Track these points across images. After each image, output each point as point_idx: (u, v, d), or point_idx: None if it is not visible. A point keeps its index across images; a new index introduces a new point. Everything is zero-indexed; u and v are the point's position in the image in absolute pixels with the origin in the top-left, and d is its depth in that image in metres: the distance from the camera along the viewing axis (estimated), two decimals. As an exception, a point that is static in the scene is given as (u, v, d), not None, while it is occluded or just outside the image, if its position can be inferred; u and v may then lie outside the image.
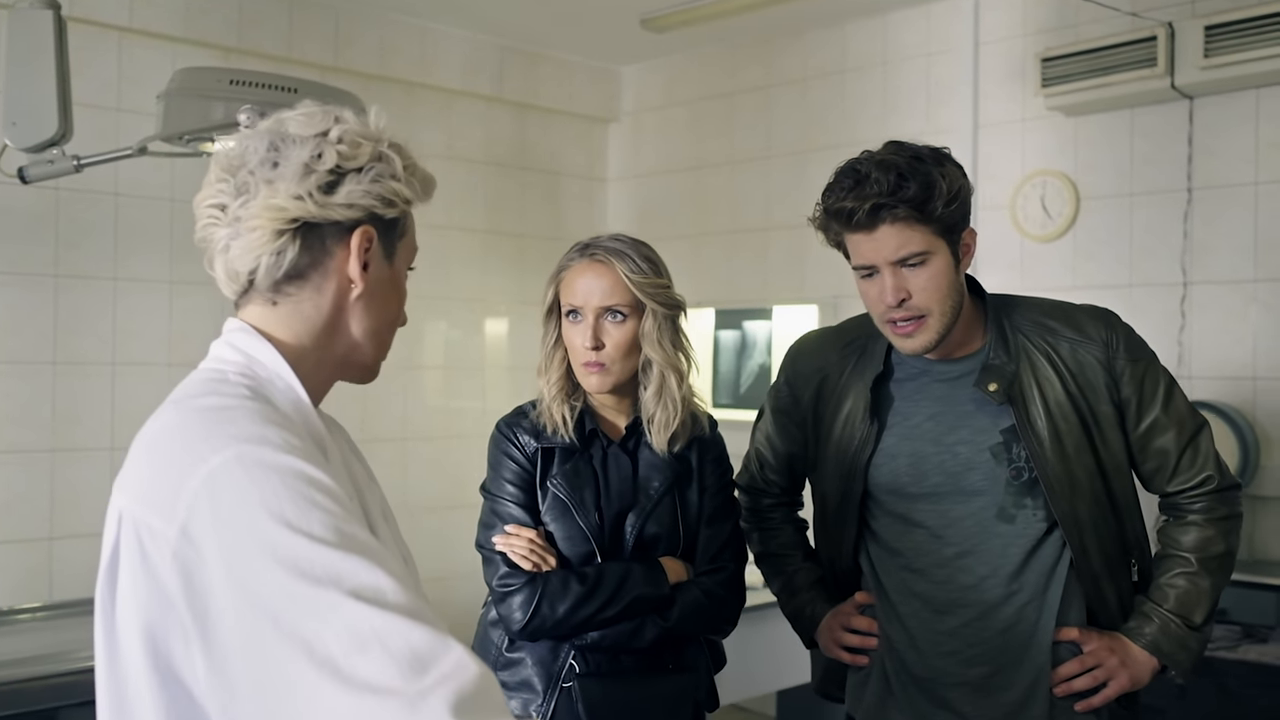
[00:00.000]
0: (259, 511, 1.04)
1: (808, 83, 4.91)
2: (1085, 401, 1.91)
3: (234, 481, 1.07)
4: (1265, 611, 3.41)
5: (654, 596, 1.96)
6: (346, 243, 1.26)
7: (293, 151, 1.23)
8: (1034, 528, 1.92)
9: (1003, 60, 4.32)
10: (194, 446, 1.11)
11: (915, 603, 1.98)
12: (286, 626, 1.00)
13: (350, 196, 1.24)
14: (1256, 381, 3.72)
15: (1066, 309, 2.00)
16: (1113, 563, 1.96)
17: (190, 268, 4.30)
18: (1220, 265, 3.80)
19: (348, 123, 1.28)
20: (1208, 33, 3.61)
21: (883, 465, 1.99)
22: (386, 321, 1.33)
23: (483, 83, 5.14)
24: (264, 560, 1.02)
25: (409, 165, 1.30)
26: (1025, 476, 1.91)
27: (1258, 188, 3.73)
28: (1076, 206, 4.11)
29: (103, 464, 4.11)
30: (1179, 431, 1.95)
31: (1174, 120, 3.88)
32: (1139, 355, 1.95)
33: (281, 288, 1.27)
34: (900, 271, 1.85)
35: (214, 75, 2.97)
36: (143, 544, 1.10)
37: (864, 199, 1.81)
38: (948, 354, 1.98)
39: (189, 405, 1.19)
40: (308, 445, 1.15)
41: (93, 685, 2.60)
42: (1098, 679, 1.91)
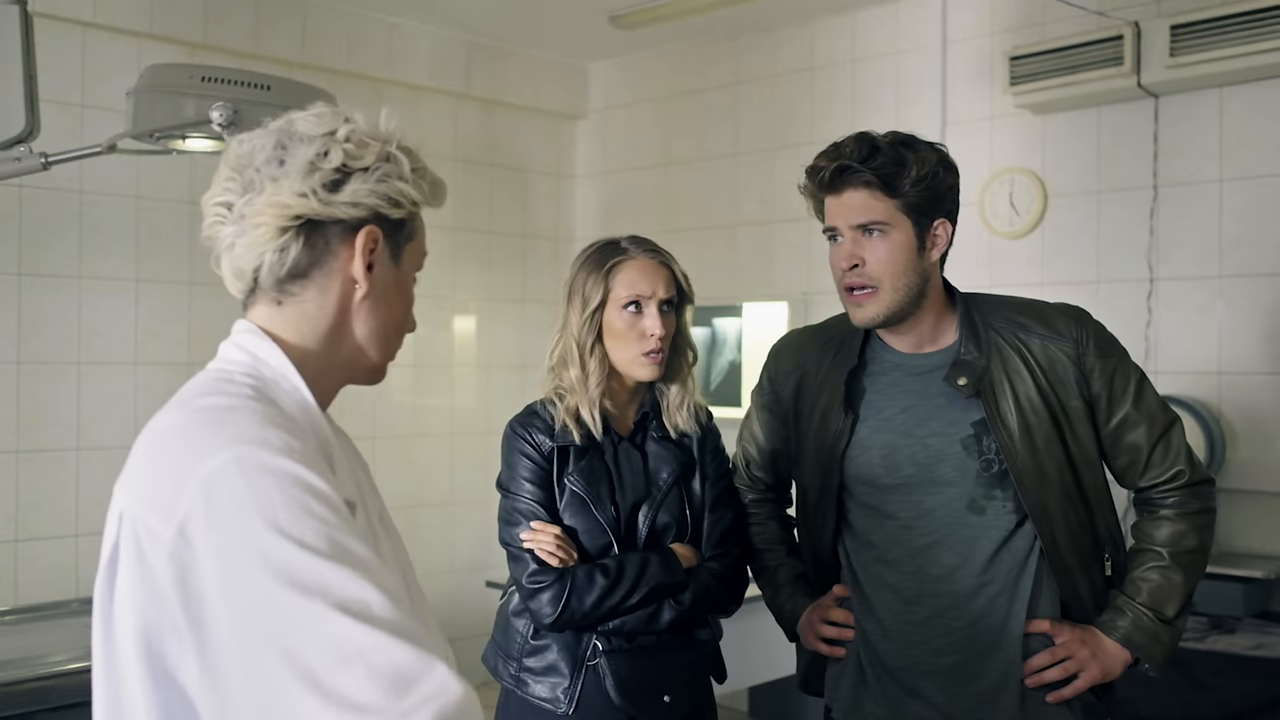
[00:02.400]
0: (253, 516, 1.03)
1: (776, 80, 4.92)
2: (1055, 396, 1.94)
3: (230, 484, 1.06)
4: (1232, 603, 3.47)
5: (671, 583, 2.06)
6: (351, 242, 1.25)
7: (299, 149, 1.23)
8: (1004, 519, 1.95)
9: (971, 58, 4.35)
10: (194, 447, 1.10)
11: (887, 594, 2.01)
12: (273, 636, 0.99)
13: (355, 195, 1.23)
14: (1221, 376, 3.77)
15: (1038, 306, 2.03)
16: (1085, 556, 1.98)
17: (156, 266, 4.26)
18: (1186, 261, 3.85)
19: (356, 123, 1.27)
20: (1173, 32, 3.65)
21: (857, 457, 2.02)
22: (392, 324, 1.31)
23: (451, 79, 5.11)
24: (255, 566, 1.02)
25: (418, 168, 1.28)
26: (995, 469, 1.94)
27: (1222, 185, 3.78)
28: (1044, 204, 4.15)
29: (68, 465, 4.06)
30: (1150, 427, 1.97)
31: (1140, 118, 3.93)
32: (1109, 352, 1.98)
33: (285, 287, 1.26)
34: (859, 238, 1.91)
35: (184, 72, 2.93)
36: (140, 544, 1.10)
37: (834, 160, 1.91)
38: (919, 348, 2.02)
39: (192, 405, 1.18)
40: (309, 449, 1.14)
41: (62, 690, 2.58)
42: (1069, 670, 1.93)
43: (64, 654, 2.66)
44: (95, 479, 4.11)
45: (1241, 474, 3.68)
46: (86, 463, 4.11)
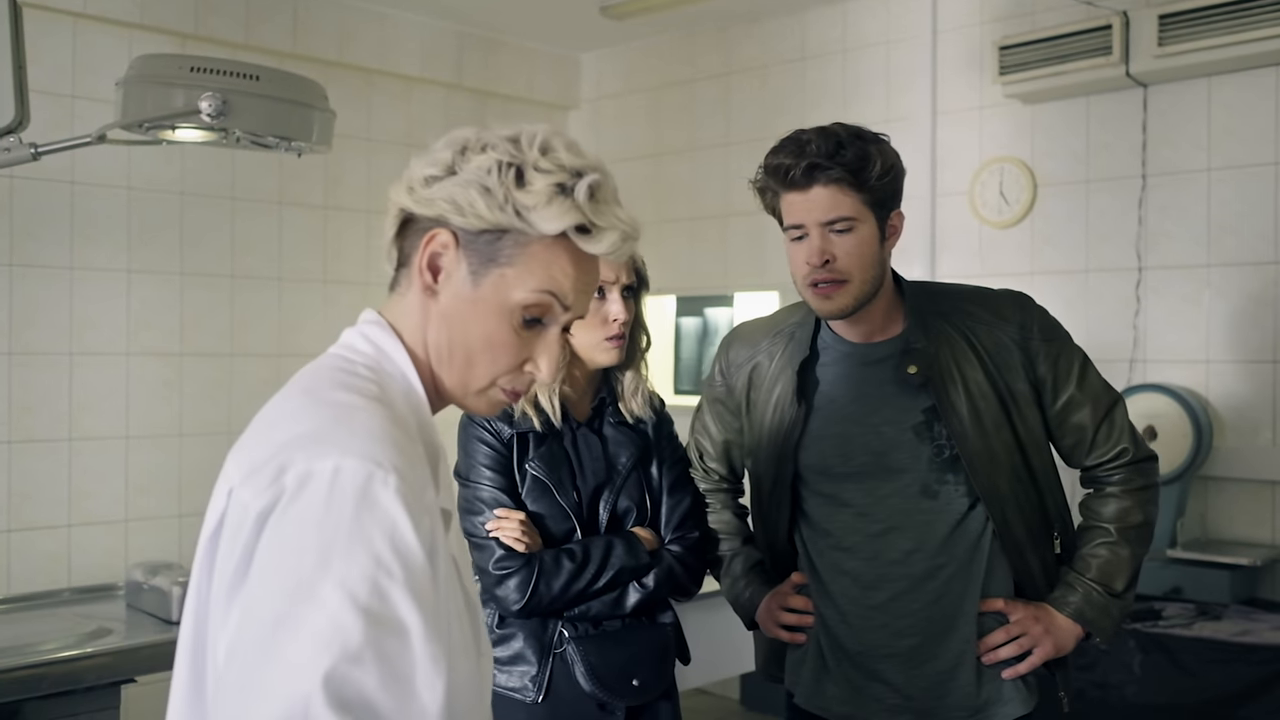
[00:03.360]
0: (325, 541, 1.03)
1: (767, 70, 4.93)
2: (1003, 381, 1.99)
3: (325, 498, 1.04)
4: (1219, 590, 3.49)
5: (635, 566, 2.08)
6: (424, 241, 1.22)
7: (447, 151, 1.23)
8: (957, 503, 2.00)
9: (961, 48, 4.36)
10: (304, 440, 1.09)
11: (845, 580, 2.05)
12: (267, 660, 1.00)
13: (436, 194, 1.20)
14: (1210, 365, 3.79)
15: (983, 293, 2.09)
16: (1036, 535, 2.04)
17: (148, 256, 4.27)
18: (1174, 250, 3.87)
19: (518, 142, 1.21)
20: (1161, 21, 3.66)
21: (810, 447, 2.06)
22: (461, 345, 1.22)
23: (442, 70, 5.12)
24: (300, 589, 1.01)
25: (534, 190, 1.18)
26: (947, 454, 1.99)
27: (1210, 174, 3.80)
28: (1034, 193, 4.16)
29: (60, 455, 4.07)
30: (1094, 407, 2.03)
31: (1129, 108, 3.94)
32: (1053, 336, 2.03)
33: (397, 276, 1.26)
34: (827, 235, 1.92)
35: (174, 62, 2.93)
36: (241, 520, 1.09)
37: (802, 158, 1.90)
38: (870, 338, 2.05)
39: (318, 396, 1.16)
40: (415, 466, 1.10)
41: (53, 678, 2.59)
42: (1023, 647, 1.99)
43: (55, 642, 2.68)
44: (87, 469, 4.13)
45: (1229, 462, 3.70)
46: (79, 453, 4.12)
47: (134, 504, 4.23)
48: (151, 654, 2.73)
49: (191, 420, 4.38)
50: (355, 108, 4.85)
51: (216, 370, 4.45)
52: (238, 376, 4.50)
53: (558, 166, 1.19)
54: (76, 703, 2.60)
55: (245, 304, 4.53)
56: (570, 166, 1.19)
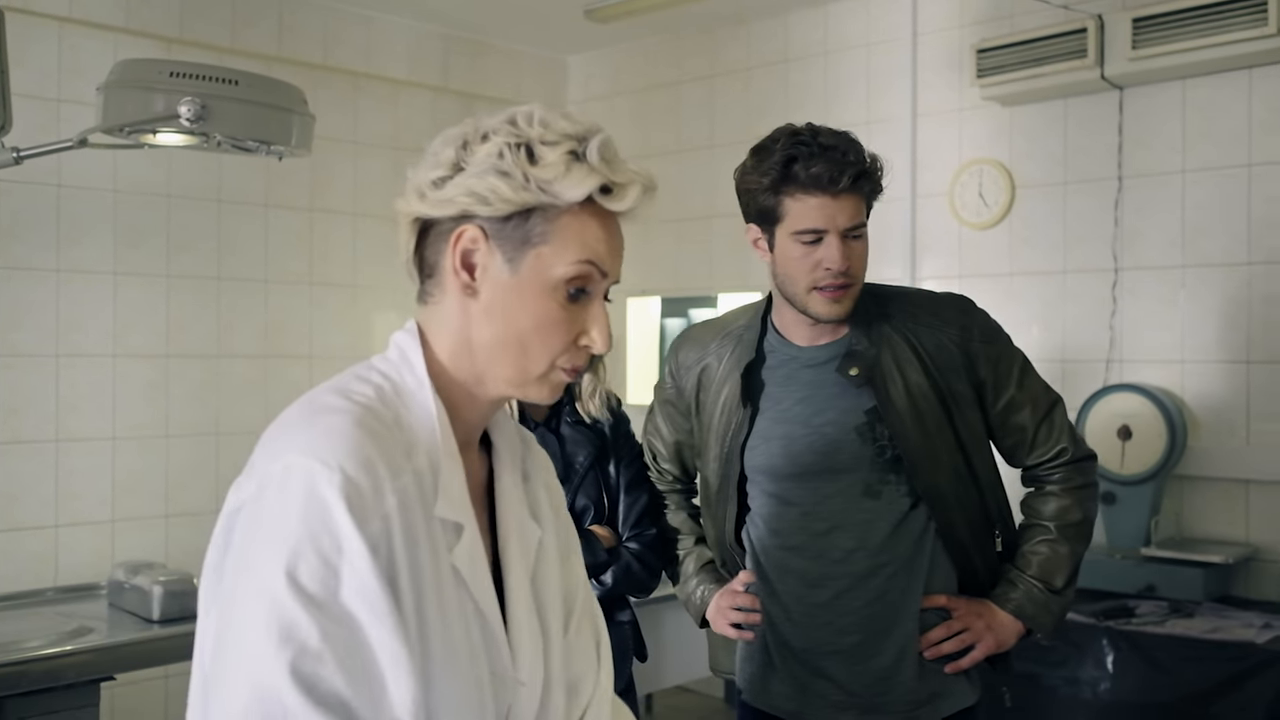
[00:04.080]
0: (275, 535, 1.07)
1: (751, 72, 4.97)
2: (944, 382, 2.04)
3: (275, 494, 1.09)
4: (1192, 588, 3.52)
5: (593, 563, 2.12)
6: (451, 242, 1.21)
7: (442, 150, 1.22)
8: (899, 502, 2.04)
9: (941, 51, 4.39)
10: (276, 441, 1.15)
11: (791, 578, 2.09)
12: (237, 662, 1.05)
13: (451, 192, 1.19)
14: (1184, 365, 3.83)
15: (926, 296, 2.14)
16: (977, 533, 2.09)
17: (134, 259, 4.30)
18: (1150, 252, 3.90)
19: (516, 122, 1.21)
20: (1135, 25, 3.70)
21: (757, 448, 2.10)
22: (514, 334, 1.21)
23: (429, 73, 5.15)
24: (256, 580, 1.07)
25: (547, 163, 1.18)
26: (889, 454, 2.03)
27: (1185, 176, 3.83)
28: (1012, 194, 4.20)
29: (46, 456, 4.10)
30: (1034, 408, 2.09)
31: (1105, 110, 3.98)
32: (993, 339, 2.09)
33: (425, 286, 1.26)
34: (847, 241, 1.97)
35: (154, 67, 2.97)
36: (223, 519, 1.15)
37: (846, 167, 1.93)
38: (815, 340, 2.09)
39: (310, 400, 1.20)
40: (371, 471, 1.11)
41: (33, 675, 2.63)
42: (965, 642, 2.04)
43: (36, 640, 2.71)
44: (74, 470, 4.16)
45: (1203, 461, 3.73)
46: (65, 454, 4.15)
47: (120, 504, 4.27)
48: (130, 652, 2.78)
49: (178, 421, 4.42)
50: (341, 111, 4.89)
51: (203, 372, 4.48)
52: (224, 378, 4.53)
53: (563, 135, 1.19)
54: (57, 700, 2.63)
55: (231, 306, 4.56)
56: (574, 133, 1.20)
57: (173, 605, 2.90)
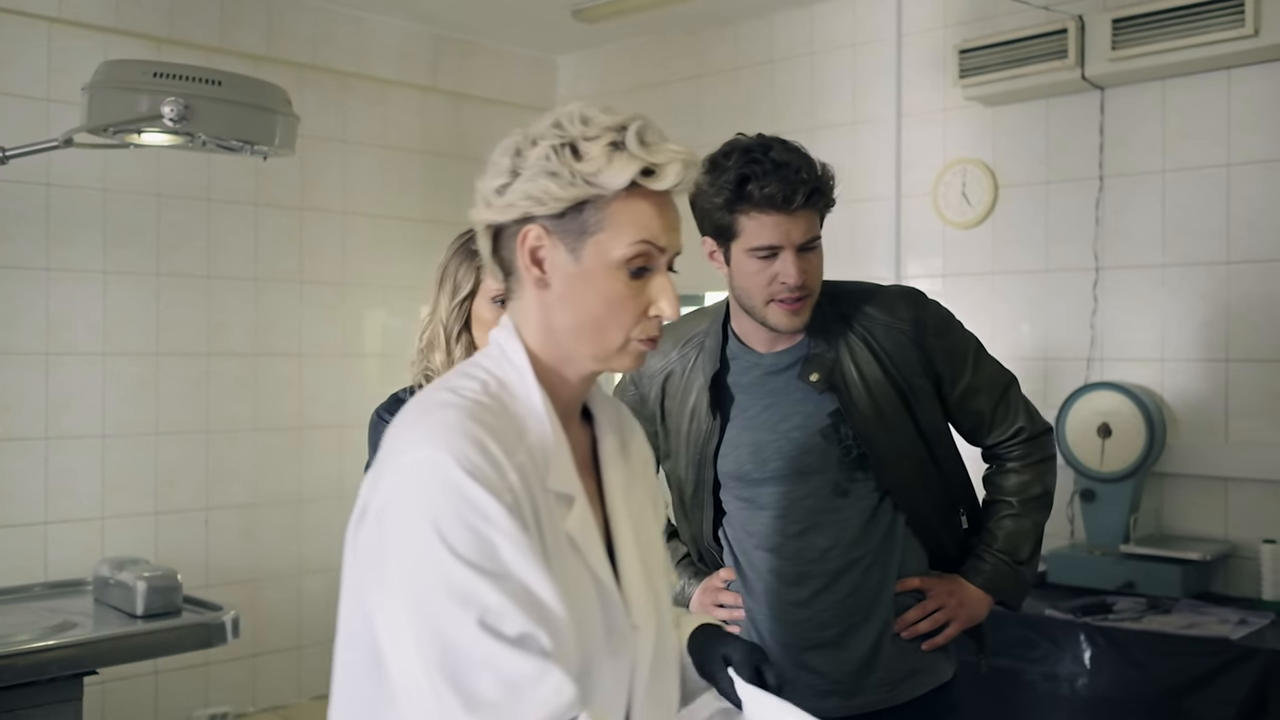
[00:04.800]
0: (425, 521, 1.20)
1: (738, 73, 5.00)
2: (901, 377, 2.09)
3: (413, 485, 1.22)
4: (1170, 584, 3.55)
5: None
6: (519, 242, 1.33)
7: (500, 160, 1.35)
8: (868, 498, 2.10)
9: (924, 51, 4.42)
10: (401, 438, 1.28)
11: (769, 578, 2.14)
12: (425, 631, 1.18)
13: (511, 197, 1.32)
14: (1164, 363, 3.85)
15: (877, 292, 2.17)
16: (944, 514, 2.18)
17: (123, 258, 4.33)
18: (1130, 251, 3.93)
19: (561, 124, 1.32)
20: (1115, 25, 3.72)
21: (728, 455, 2.15)
22: (588, 316, 1.33)
23: (418, 73, 5.18)
24: (421, 564, 1.19)
25: (590, 157, 1.29)
26: (854, 453, 2.08)
27: (1165, 176, 3.86)
28: (995, 194, 4.22)
29: (37, 453, 4.13)
30: (990, 392, 2.17)
31: (1086, 110, 4.00)
32: (946, 330, 2.15)
33: (507, 284, 1.39)
34: (802, 255, 2.01)
35: (138, 68, 3.00)
36: (367, 514, 1.28)
37: (796, 185, 1.95)
38: (774, 346, 2.13)
39: (428, 390, 1.35)
40: (486, 453, 1.23)
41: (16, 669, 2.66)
42: (939, 620, 2.12)
43: (20, 635, 2.74)
44: (64, 467, 4.19)
45: (1182, 459, 3.76)
46: (56, 451, 4.18)
47: (110, 502, 4.30)
48: (113, 646, 2.81)
49: (167, 419, 4.45)
50: (331, 110, 4.91)
51: (192, 370, 4.51)
52: (214, 376, 4.56)
53: (603, 129, 1.30)
54: (39, 693, 2.66)
55: (221, 304, 4.59)
56: (613, 125, 1.30)
57: (156, 600, 2.93)
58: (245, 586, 4.60)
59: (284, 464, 4.75)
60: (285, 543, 4.76)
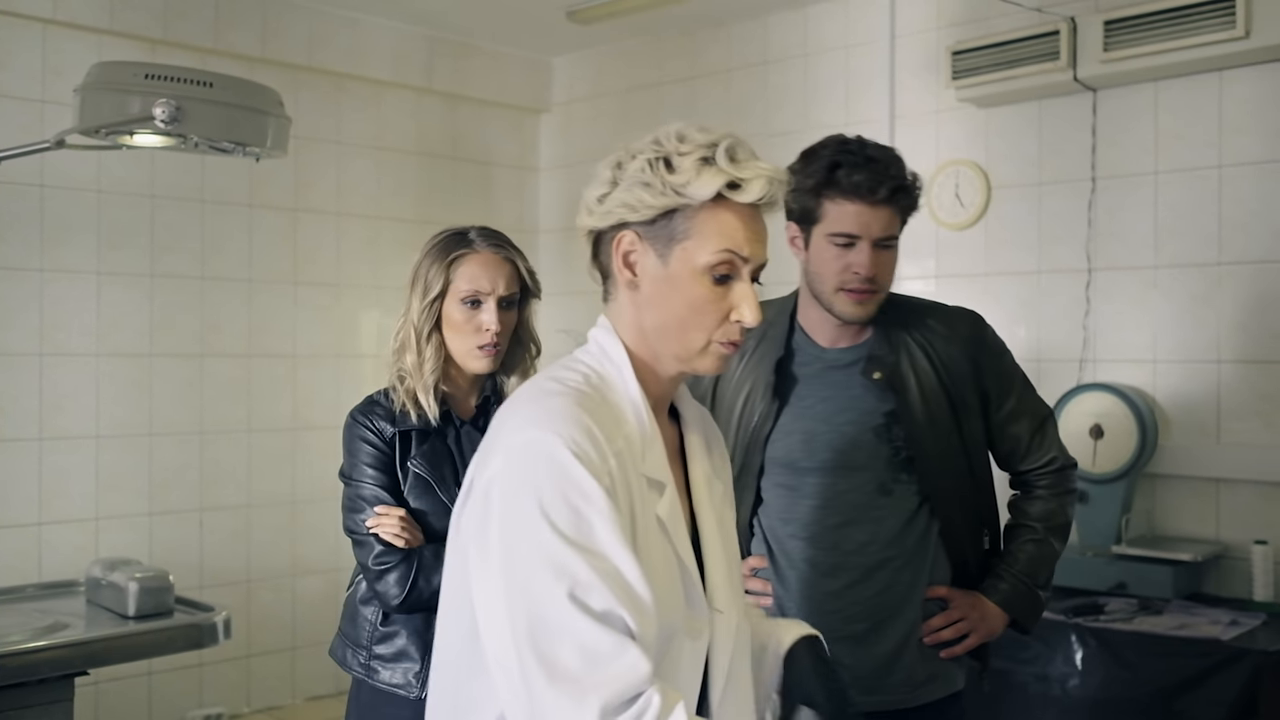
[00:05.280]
0: (530, 496, 1.30)
1: (731, 74, 5.00)
2: (955, 390, 2.19)
3: (521, 463, 1.33)
4: (1161, 585, 3.56)
5: None
6: (614, 247, 1.46)
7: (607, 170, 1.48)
8: (908, 501, 2.18)
9: (918, 53, 4.43)
10: (511, 421, 1.40)
11: (804, 566, 2.19)
12: (518, 600, 1.27)
13: (610, 205, 1.44)
14: (1156, 364, 3.86)
15: (941, 309, 2.29)
16: (972, 532, 2.26)
17: (117, 259, 4.33)
18: (1123, 252, 3.94)
19: (659, 141, 1.44)
20: (1107, 27, 3.73)
21: (779, 441, 2.20)
22: (674, 318, 1.44)
23: (413, 74, 5.18)
24: (523, 536, 1.29)
25: (681, 169, 1.40)
26: (902, 454, 2.16)
27: (1157, 177, 3.86)
28: (988, 195, 4.23)
29: (30, 454, 4.14)
30: (1031, 420, 2.28)
31: (1078, 112, 4.01)
32: (1000, 354, 2.27)
33: (605, 286, 1.51)
34: (877, 250, 2.10)
35: (130, 69, 3.00)
36: (475, 491, 1.39)
37: (886, 179, 2.08)
38: (837, 342, 2.21)
39: (536, 381, 1.46)
40: (592, 437, 1.34)
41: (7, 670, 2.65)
42: (960, 630, 2.19)
43: (16, 635, 2.73)
44: (58, 468, 4.19)
45: (1174, 460, 3.76)
46: (49, 452, 4.18)
47: (104, 502, 4.30)
48: (104, 648, 2.80)
49: (161, 420, 4.45)
50: (325, 112, 4.92)
51: (186, 371, 4.52)
52: (208, 377, 4.57)
53: (696, 145, 1.41)
54: (30, 694, 2.66)
55: (215, 305, 4.59)
56: (705, 142, 1.42)
57: (148, 601, 2.91)
58: (239, 588, 4.60)
59: (278, 465, 4.75)
60: (279, 544, 4.76)
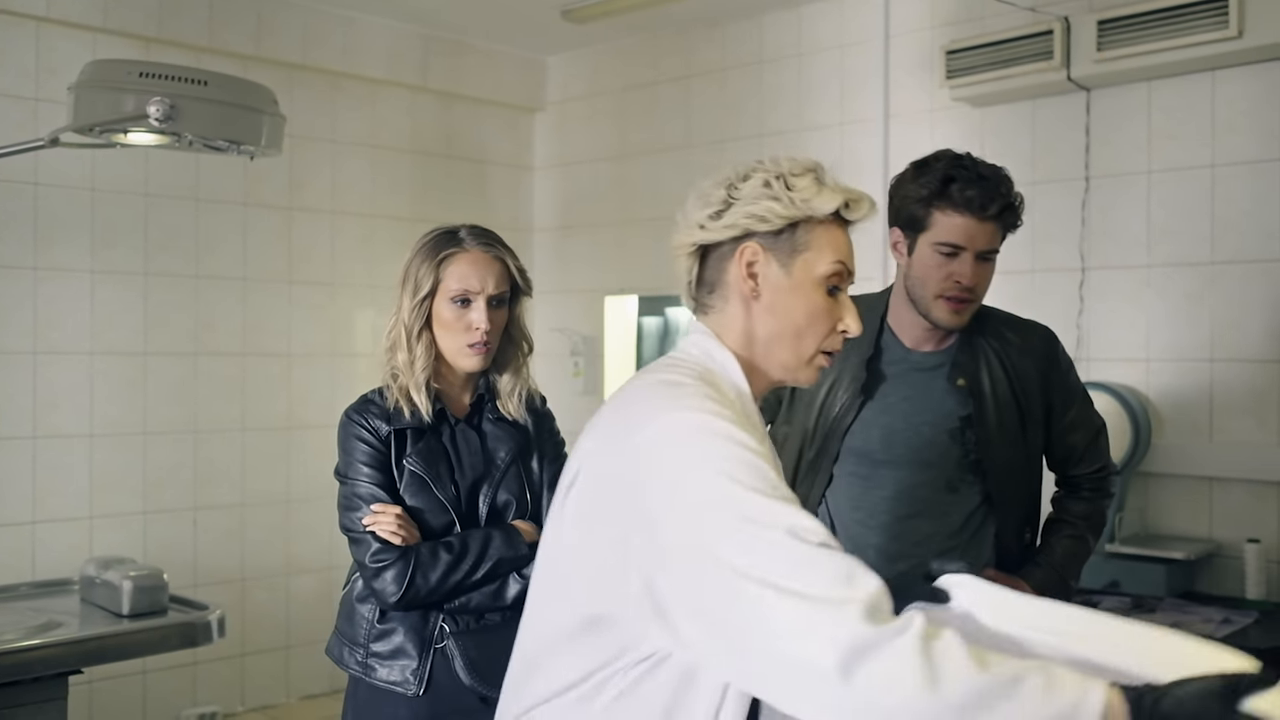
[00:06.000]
0: (702, 465, 1.33)
1: (726, 73, 5.00)
2: (1024, 400, 2.36)
3: (677, 437, 1.37)
4: (1155, 583, 3.57)
5: (514, 557, 2.14)
6: (736, 258, 1.54)
7: (711, 193, 1.57)
8: (972, 499, 2.36)
9: (912, 52, 4.43)
10: (647, 407, 1.43)
11: (870, 552, 2.32)
12: (726, 558, 1.26)
13: (731, 218, 1.52)
14: (1150, 363, 3.87)
15: (1019, 322, 2.46)
16: (1019, 531, 2.45)
17: (111, 257, 4.33)
18: (1116, 251, 3.94)
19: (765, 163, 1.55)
20: (1100, 27, 3.73)
21: (858, 432, 2.36)
22: (791, 326, 1.54)
23: (408, 72, 5.18)
24: (704, 503, 1.30)
25: (800, 188, 1.50)
26: (972, 456, 2.34)
27: (1150, 176, 3.87)
28: (982, 194, 4.23)
29: (24, 453, 4.13)
30: (1087, 431, 2.47)
31: (1072, 111, 4.02)
32: (1069, 370, 2.45)
33: (702, 299, 1.59)
34: (979, 261, 2.25)
35: (124, 67, 2.99)
36: (598, 473, 1.43)
37: (998, 197, 2.20)
38: (921, 346, 2.37)
39: (649, 378, 1.51)
40: (741, 420, 1.40)
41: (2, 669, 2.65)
42: None
43: (9, 634, 2.73)
44: (52, 466, 4.19)
45: (1167, 458, 3.77)
46: (43, 450, 4.18)
47: (97, 501, 4.30)
48: (98, 646, 2.80)
49: (155, 419, 4.45)
50: (320, 110, 4.92)
51: (181, 369, 4.51)
52: (202, 376, 4.56)
53: (804, 168, 1.53)
54: (24, 693, 2.66)
55: (210, 304, 4.59)
56: (810, 165, 1.54)
57: (142, 600, 2.92)
58: (233, 586, 4.60)
59: (272, 464, 4.75)
60: (274, 543, 4.76)
